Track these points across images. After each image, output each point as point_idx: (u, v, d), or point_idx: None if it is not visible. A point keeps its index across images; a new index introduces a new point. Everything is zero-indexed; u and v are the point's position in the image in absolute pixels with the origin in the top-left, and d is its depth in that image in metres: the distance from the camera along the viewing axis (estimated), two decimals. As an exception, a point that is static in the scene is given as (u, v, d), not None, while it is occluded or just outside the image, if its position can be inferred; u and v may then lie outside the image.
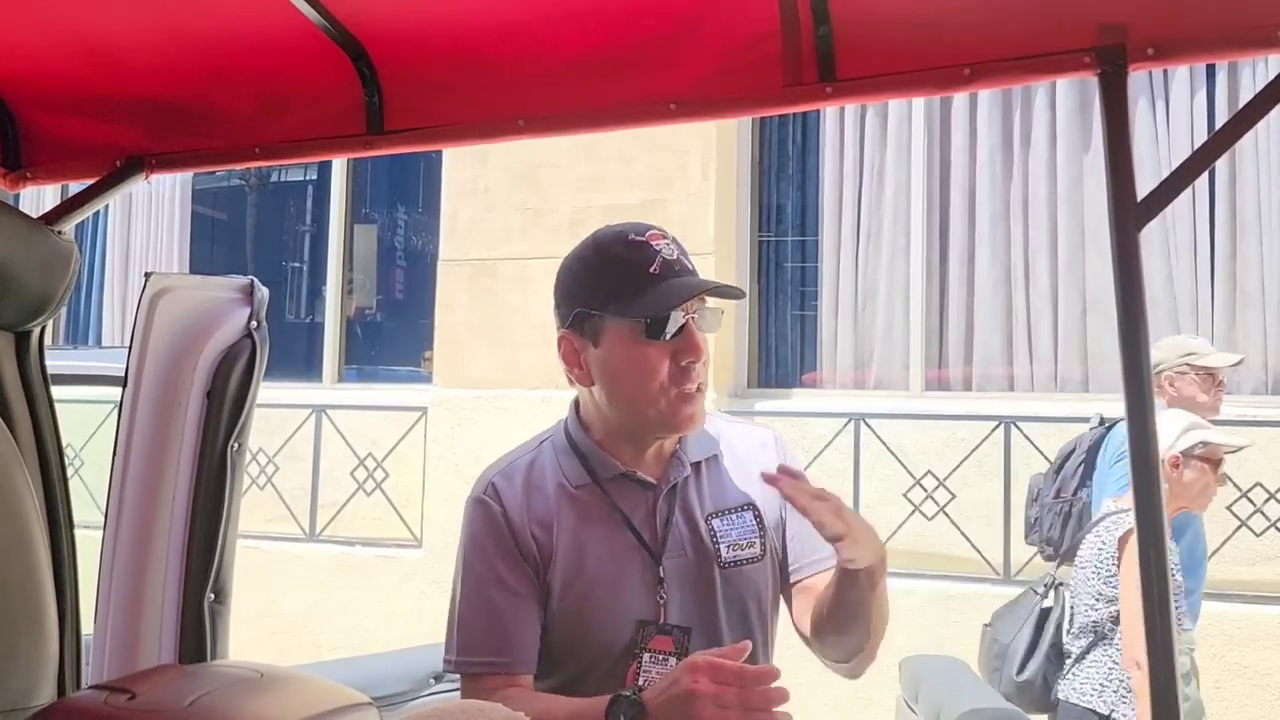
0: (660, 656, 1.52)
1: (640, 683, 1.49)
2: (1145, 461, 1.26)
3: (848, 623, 1.53)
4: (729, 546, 1.57)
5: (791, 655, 1.80)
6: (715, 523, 1.58)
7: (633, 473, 1.57)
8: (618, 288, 1.50)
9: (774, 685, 1.30)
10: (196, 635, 1.50)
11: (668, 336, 1.48)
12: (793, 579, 1.67)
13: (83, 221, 1.78)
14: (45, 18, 1.57)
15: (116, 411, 1.47)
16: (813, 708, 3.85)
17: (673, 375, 1.50)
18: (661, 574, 1.53)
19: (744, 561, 1.58)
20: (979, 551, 4.11)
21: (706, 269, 4.75)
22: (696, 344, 1.50)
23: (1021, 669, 3.04)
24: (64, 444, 1.66)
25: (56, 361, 1.71)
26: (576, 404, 1.64)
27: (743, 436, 1.69)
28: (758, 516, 1.60)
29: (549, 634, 1.55)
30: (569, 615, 1.54)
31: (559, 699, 1.48)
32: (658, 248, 1.50)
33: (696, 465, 1.61)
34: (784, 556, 1.66)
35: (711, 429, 1.66)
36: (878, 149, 4.69)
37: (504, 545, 1.54)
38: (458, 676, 1.60)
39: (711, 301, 1.55)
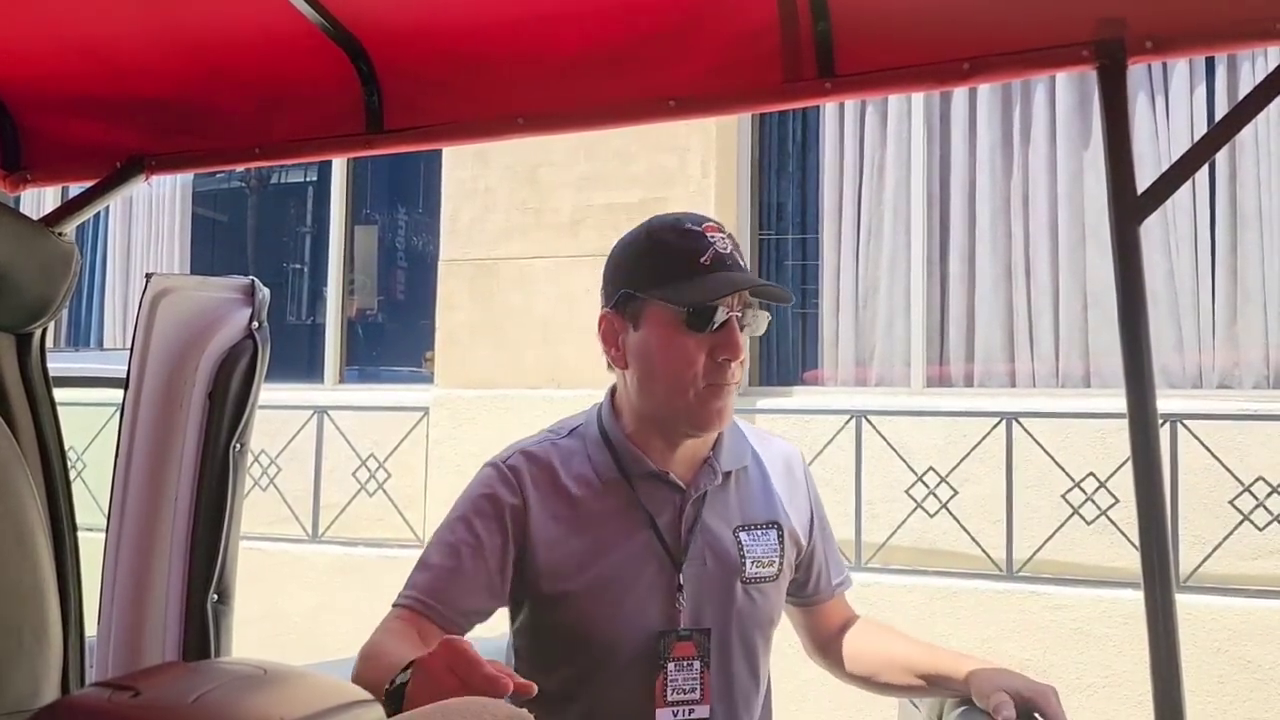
0: (685, 663, 1.50)
1: (669, 695, 1.48)
2: (1147, 456, 1.26)
3: (913, 694, 1.64)
4: (753, 562, 1.56)
5: (796, 651, 1.80)
6: (743, 536, 1.56)
7: (664, 473, 1.53)
8: (665, 273, 1.47)
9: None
10: (200, 636, 1.49)
11: (709, 330, 1.46)
12: (812, 601, 1.71)
13: (83, 223, 1.78)
14: (44, 19, 1.57)
15: (118, 413, 1.47)
16: (817, 703, 3.85)
17: (707, 370, 1.47)
18: (680, 580, 1.51)
19: (763, 579, 1.57)
20: (982, 548, 4.11)
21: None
22: (735, 342, 1.46)
23: None
24: (66, 446, 1.66)
25: (58, 364, 1.72)
26: (612, 392, 1.60)
27: (769, 449, 1.68)
28: (781, 536, 1.60)
29: (550, 624, 1.52)
30: (576, 607, 1.50)
31: (404, 649, 1.28)
32: (711, 239, 1.47)
33: (727, 474, 1.58)
34: (806, 578, 1.69)
35: (743, 434, 1.65)
36: (878, 146, 4.68)
37: (499, 515, 1.51)
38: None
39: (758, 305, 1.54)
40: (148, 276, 1.46)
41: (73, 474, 1.69)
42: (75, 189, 1.80)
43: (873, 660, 1.68)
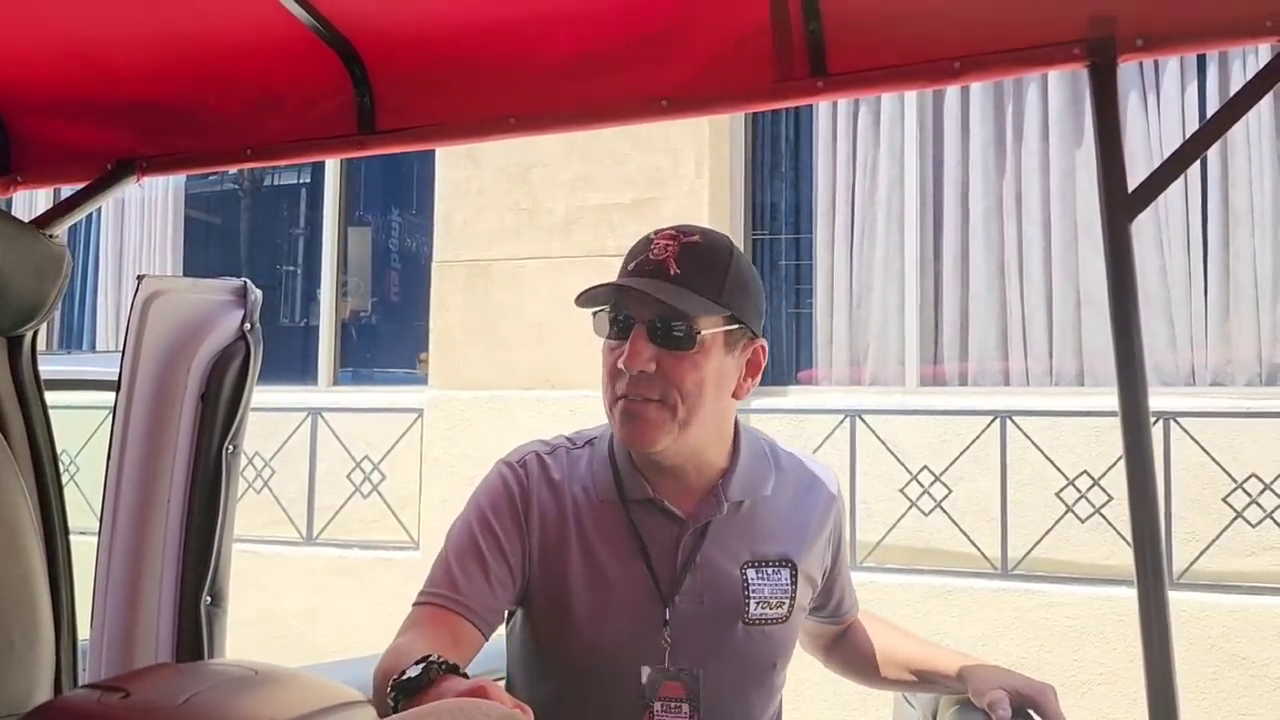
0: (673, 704, 1.42)
1: None
2: (1140, 454, 1.26)
3: (907, 689, 1.66)
4: (759, 603, 1.46)
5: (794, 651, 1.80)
6: (750, 573, 1.47)
7: (659, 500, 1.46)
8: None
9: None
10: (193, 638, 1.50)
11: (617, 337, 1.41)
12: (829, 625, 1.70)
13: (75, 225, 1.78)
14: (36, 22, 1.56)
15: (111, 416, 1.47)
16: (814, 703, 3.86)
17: (613, 379, 1.41)
18: (668, 616, 1.43)
19: (770, 621, 1.47)
20: (976, 546, 4.12)
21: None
22: (632, 349, 1.37)
23: None
24: (58, 450, 1.66)
25: (50, 366, 1.71)
26: None
27: (797, 472, 1.57)
28: (794, 576, 1.49)
29: (540, 639, 1.48)
30: (563, 628, 1.45)
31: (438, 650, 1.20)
32: (652, 247, 1.41)
33: (738, 504, 1.48)
34: (821, 605, 1.64)
35: (770, 460, 1.55)
36: (870, 145, 4.69)
37: (515, 514, 1.46)
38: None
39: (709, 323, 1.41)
40: (140, 278, 1.47)
41: (65, 477, 1.69)
42: (67, 191, 1.80)
43: (870, 656, 1.68)
